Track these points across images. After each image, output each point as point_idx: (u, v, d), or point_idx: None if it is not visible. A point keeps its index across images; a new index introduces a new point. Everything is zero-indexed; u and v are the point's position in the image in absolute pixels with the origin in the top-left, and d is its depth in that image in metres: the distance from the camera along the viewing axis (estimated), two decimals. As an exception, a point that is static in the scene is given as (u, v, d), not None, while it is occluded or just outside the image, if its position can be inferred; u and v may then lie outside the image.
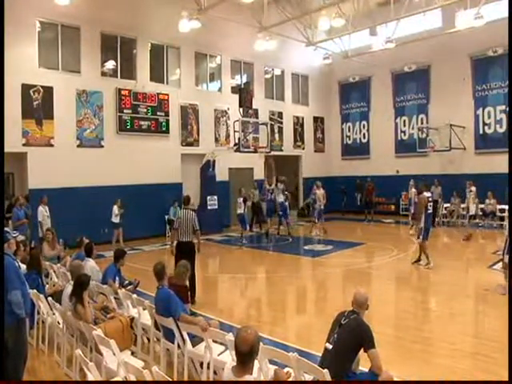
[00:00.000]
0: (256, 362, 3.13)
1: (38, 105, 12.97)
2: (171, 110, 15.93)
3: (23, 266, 5.84)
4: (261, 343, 3.06)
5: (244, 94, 15.34)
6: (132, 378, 3.53)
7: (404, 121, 20.21)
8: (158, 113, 15.55)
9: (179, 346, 4.62)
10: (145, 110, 15.17)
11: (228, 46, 17.50)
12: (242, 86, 16.77)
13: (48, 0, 12.28)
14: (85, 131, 13.97)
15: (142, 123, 15.14)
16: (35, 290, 5.73)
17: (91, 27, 13.97)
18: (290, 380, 3.49)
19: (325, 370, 3.31)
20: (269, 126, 16.57)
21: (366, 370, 3.76)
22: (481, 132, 17.66)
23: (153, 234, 14.71)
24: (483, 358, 5.24)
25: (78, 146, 13.81)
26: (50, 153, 13.08)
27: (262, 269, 11.53)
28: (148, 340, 5.42)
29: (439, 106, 18.61)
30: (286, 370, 3.56)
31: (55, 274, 7.42)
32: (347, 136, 22.52)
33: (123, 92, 14.67)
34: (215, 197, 16.36)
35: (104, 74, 14.71)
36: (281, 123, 20.25)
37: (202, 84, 17.85)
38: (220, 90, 18.13)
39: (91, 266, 6.73)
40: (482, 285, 8.51)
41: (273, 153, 17.53)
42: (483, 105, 17.55)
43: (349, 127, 22.41)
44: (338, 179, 21.52)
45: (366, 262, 11.49)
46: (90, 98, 14.09)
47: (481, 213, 16.05)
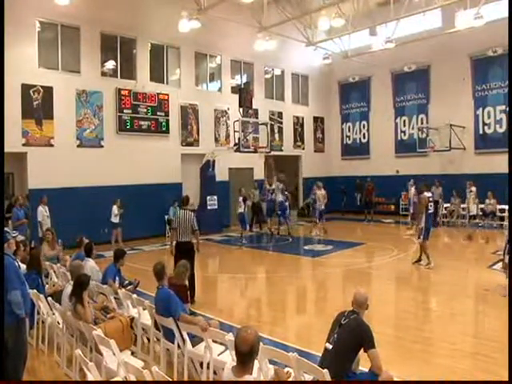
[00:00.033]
0: (256, 362, 3.13)
1: (38, 105, 12.97)
2: (171, 110, 15.93)
3: (23, 266, 5.84)
4: (261, 343, 3.06)
5: (244, 94, 15.35)
6: (132, 378, 3.53)
7: (404, 121, 20.21)
8: (158, 113, 15.55)
9: (179, 346, 4.62)
10: (145, 110, 15.17)
11: (228, 46, 17.50)
12: (242, 86, 16.78)
13: (48, 0, 12.29)
14: (85, 131, 13.98)
15: (142, 123, 15.15)
16: (35, 290, 5.72)
17: (91, 27, 13.97)
18: (290, 380, 3.49)
19: (325, 370, 3.31)
20: (269, 126, 16.57)
21: (366, 370, 3.76)
22: (481, 132, 17.67)
23: (153, 234, 14.71)
24: (483, 358, 5.24)
25: (78, 146, 13.82)
26: (50, 153, 13.09)
27: (262, 269, 11.53)
28: (148, 340, 5.41)
29: (439, 106, 18.61)
30: (286, 370, 3.56)
31: (55, 274, 7.42)
32: (347, 136, 22.52)
33: (123, 92, 14.67)
34: (215, 197, 16.37)
35: (104, 74, 14.71)
36: (281, 123, 20.25)
37: (202, 84, 17.85)
38: (220, 90, 18.13)
39: (91, 266, 6.73)
40: (482, 285, 8.51)
41: (273, 153, 17.54)
42: (483, 105, 17.56)
43: (349, 127, 22.41)
44: (338, 179, 21.52)
45: (366, 262, 11.49)
46: (90, 98, 14.10)
47: (481, 213, 16.06)
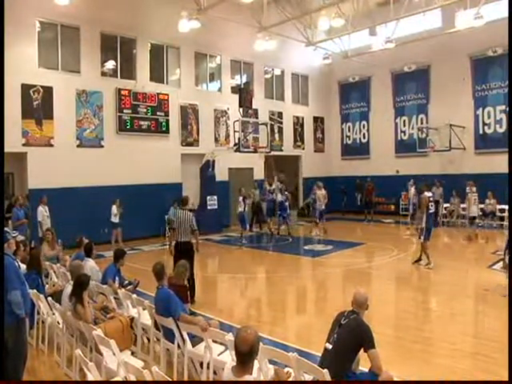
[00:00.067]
0: (256, 362, 3.13)
1: (38, 105, 12.97)
2: (171, 110, 15.93)
3: (23, 266, 5.84)
4: (261, 343, 3.06)
5: (244, 94, 15.35)
6: (132, 378, 3.53)
7: (404, 121, 20.21)
8: (158, 113, 15.55)
9: (179, 346, 4.62)
10: (145, 110, 15.17)
11: (228, 46, 17.49)
12: (242, 86, 16.79)
13: (48, 0, 12.29)
14: (85, 131, 13.98)
15: (142, 123, 15.15)
16: (35, 290, 5.72)
17: (91, 27, 13.97)
18: (290, 380, 3.49)
19: (325, 370, 3.31)
20: (269, 126, 16.57)
21: (366, 370, 3.76)
22: (481, 132, 17.66)
23: (152, 234, 14.71)
24: (483, 358, 5.24)
25: (78, 146, 13.82)
26: (50, 153, 13.09)
27: (262, 269, 11.53)
28: (148, 340, 5.41)
29: (439, 106, 18.61)
30: (286, 370, 3.56)
31: (55, 274, 7.42)
32: (347, 136, 22.52)
33: (123, 92, 14.67)
34: (215, 197, 16.37)
35: (104, 74, 14.71)
36: (281, 123, 20.24)
37: (202, 84, 17.85)
38: (220, 90, 18.12)
39: (91, 266, 6.73)
40: (482, 285, 8.51)
41: (273, 153, 17.52)
42: (483, 105, 17.56)
43: (349, 127, 22.41)
44: (338, 179, 21.51)
45: (366, 262, 11.49)
46: (90, 98, 14.10)
47: (481, 213, 16.02)
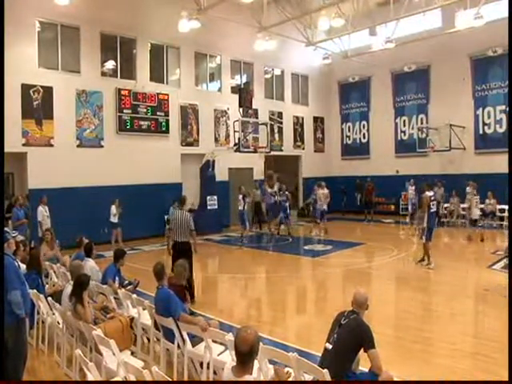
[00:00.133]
0: (256, 362, 3.13)
1: (38, 105, 12.97)
2: (171, 110, 15.93)
3: (23, 266, 5.84)
4: (261, 343, 3.06)
5: (244, 94, 15.35)
6: (132, 378, 3.53)
7: (404, 121, 20.21)
8: (158, 113, 15.54)
9: (179, 346, 4.62)
10: (145, 110, 15.17)
11: (228, 46, 17.49)
12: (242, 86, 16.79)
13: (48, 0, 12.29)
14: (84, 131, 13.98)
15: (142, 123, 15.14)
16: (35, 290, 5.72)
17: (91, 27, 13.97)
18: (290, 380, 3.49)
19: (325, 370, 3.31)
20: (269, 126, 16.58)
21: (366, 370, 3.76)
22: (481, 132, 17.66)
23: (152, 234, 14.70)
24: (483, 358, 5.24)
25: (78, 146, 13.82)
26: (50, 153, 13.09)
27: (262, 269, 11.52)
28: (148, 340, 5.41)
29: (439, 106, 18.61)
30: (286, 370, 3.56)
31: (55, 274, 7.42)
32: (347, 136, 22.52)
33: (123, 92, 14.67)
34: (215, 197, 16.37)
35: (104, 74, 14.71)
36: (281, 123, 20.24)
37: (202, 84, 17.85)
38: (220, 90, 18.12)
39: (91, 266, 6.73)
40: (482, 285, 8.52)
41: (273, 153, 17.54)
42: (483, 105, 17.56)
43: (349, 127, 22.41)
44: (338, 179, 21.49)
45: (366, 262, 11.49)
46: (90, 98, 14.09)
47: (481, 213, 15.98)
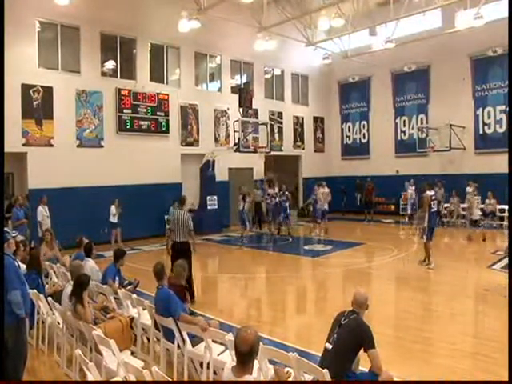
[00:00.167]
0: (256, 362, 3.13)
1: (38, 105, 12.97)
2: (171, 110, 15.92)
3: (23, 266, 5.83)
4: (261, 343, 3.05)
5: (244, 94, 15.36)
6: (132, 378, 3.53)
7: (404, 121, 20.21)
8: (158, 113, 15.54)
9: (179, 346, 4.62)
10: (145, 110, 15.17)
11: (228, 46, 17.49)
12: (242, 86, 16.79)
13: (48, 0, 12.29)
14: (84, 131, 13.98)
15: (142, 123, 15.14)
16: (35, 290, 5.72)
17: (91, 27, 13.97)
18: (290, 380, 3.49)
19: (325, 370, 3.30)
20: (268, 126, 16.59)
21: (366, 370, 3.76)
22: (481, 132, 17.66)
23: (152, 234, 14.69)
24: (483, 358, 5.24)
25: (78, 146, 13.82)
26: (50, 153, 13.09)
27: (262, 269, 11.52)
28: (148, 340, 5.41)
29: (439, 106, 18.60)
30: (286, 370, 3.56)
31: (55, 274, 7.42)
32: (347, 136, 22.52)
33: (123, 92, 14.67)
34: (215, 197, 16.37)
35: (104, 74, 14.71)
36: (281, 123, 20.24)
37: (202, 84, 17.85)
38: (220, 90, 18.12)
39: (91, 266, 6.73)
40: (482, 285, 8.52)
41: (273, 153, 17.54)
42: (483, 105, 17.56)
43: (349, 127, 22.41)
44: (338, 179, 21.47)
45: (366, 262, 11.49)
46: (90, 98, 14.09)
47: (481, 213, 15.97)
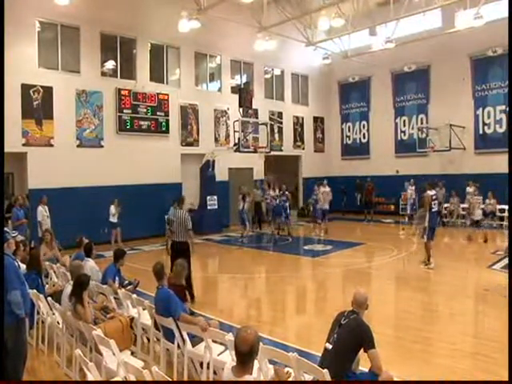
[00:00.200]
0: (256, 362, 3.13)
1: (38, 105, 12.97)
2: (171, 110, 15.92)
3: (23, 266, 5.83)
4: (261, 343, 3.05)
5: (244, 94, 15.35)
6: (132, 378, 3.52)
7: (404, 121, 20.21)
8: (158, 113, 15.54)
9: (179, 346, 4.61)
10: (144, 110, 15.16)
11: (228, 46, 17.49)
12: (242, 86, 16.79)
13: (48, 0, 12.29)
14: (84, 131, 13.98)
15: (142, 123, 15.14)
16: (35, 290, 5.72)
17: (91, 27, 13.97)
18: (290, 380, 3.49)
19: (325, 370, 3.30)
20: (268, 126, 16.58)
21: (366, 370, 3.76)
22: (480, 132, 17.66)
23: (152, 234, 14.67)
24: (483, 358, 5.24)
25: (78, 146, 13.82)
26: (50, 153, 13.08)
27: (262, 269, 11.52)
28: (148, 340, 5.41)
29: (439, 106, 18.60)
30: (286, 370, 3.56)
31: (55, 274, 7.42)
32: (347, 136, 22.52)
33: (123, 92, 14.66)
34: (215, 197, 16.37)
35: (104, 74, 14.71)
36: (280, 123, 20.24)
37: (202, 84, 17.85)
38: (220, 90, 18.12)
39: (91, 266, 6.73)
40: (482, 285, 8.52)
41: (273, 153, 17.53)
42: (483, 105, 17.56)
43: (349, 127, 22.41)
44: (338, 179, 21.44)
45: (366, 262, 11.49)
46: (90, 98, 14.09)
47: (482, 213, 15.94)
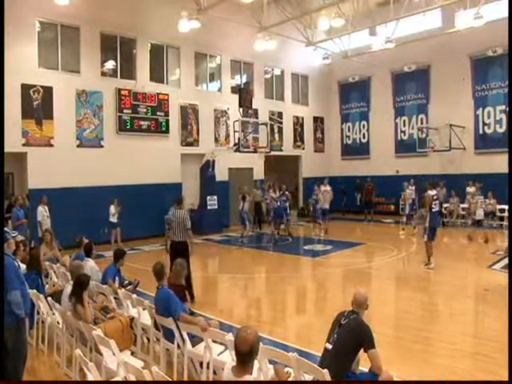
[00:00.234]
0: (256, 362, 3.13)
1: (38, 105, 12.97)
2: (171, 110, 15.92)
3: (23, 266, 5.83)
4: (261, 343, 3.05)
5: (244, 94, 15.36)
6: (132, 378, 3.52)
7: (404, 121, 20.21)
8: (158, 113, 15.54)
9: (179, 346, 4.61)
10: (144, 110, 15.17)
11: (228, 46, 17.49)
12: (242, 86, 16.79)
13: (48, 0, 12.29)
14: (84, 131, 13.98)
15: (142, 123, 15.14)
16: (35, 290, 5.72)
17: (91, 27, 13.97)
18: (290, 380, 3.48)
19: (325, 370, 3.30)
20: (268, 126, 16.58)
21: (366, 370, 3.76)
22: (480, 132, 17.67)
23: (152, 234, 14.67)
24: (483, 358, 5.24)
25: (78, 146, 13.82)
26: (50, 153, 13.09)
27: (262, 269, 11.52)
28: (148, 340, 5.41)
29: (439, 106, 18.61)
30: (286, 370, 3.56)
31: (55, 274, 7.42)
32: (347, 136, 22.52)
33: (123, 92, 14.67)
34: (215, 197, 16.38)
35: (104, 74, 14.71)
36: (280, 123, 20.24)
37: (202, 84, 17.85)
38: (220, 90, 18.12)
39: (91, 266, 6.73)
40: (482, 285, 8.52)
41: (273, 153, 17.52)
42: (483, 105, 17.56)
43: (349, 127, 22.41)
44: (338, 179, 21.40)
45: (366, 262, 11.49)
46: (90, 98, 14.09)
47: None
